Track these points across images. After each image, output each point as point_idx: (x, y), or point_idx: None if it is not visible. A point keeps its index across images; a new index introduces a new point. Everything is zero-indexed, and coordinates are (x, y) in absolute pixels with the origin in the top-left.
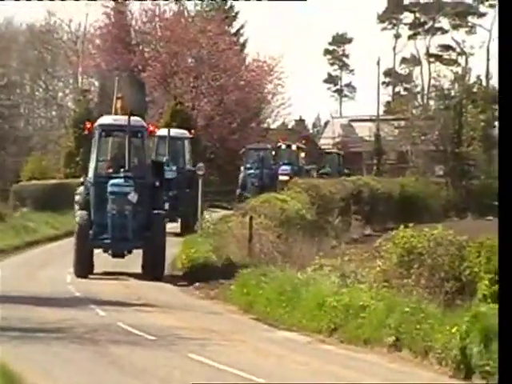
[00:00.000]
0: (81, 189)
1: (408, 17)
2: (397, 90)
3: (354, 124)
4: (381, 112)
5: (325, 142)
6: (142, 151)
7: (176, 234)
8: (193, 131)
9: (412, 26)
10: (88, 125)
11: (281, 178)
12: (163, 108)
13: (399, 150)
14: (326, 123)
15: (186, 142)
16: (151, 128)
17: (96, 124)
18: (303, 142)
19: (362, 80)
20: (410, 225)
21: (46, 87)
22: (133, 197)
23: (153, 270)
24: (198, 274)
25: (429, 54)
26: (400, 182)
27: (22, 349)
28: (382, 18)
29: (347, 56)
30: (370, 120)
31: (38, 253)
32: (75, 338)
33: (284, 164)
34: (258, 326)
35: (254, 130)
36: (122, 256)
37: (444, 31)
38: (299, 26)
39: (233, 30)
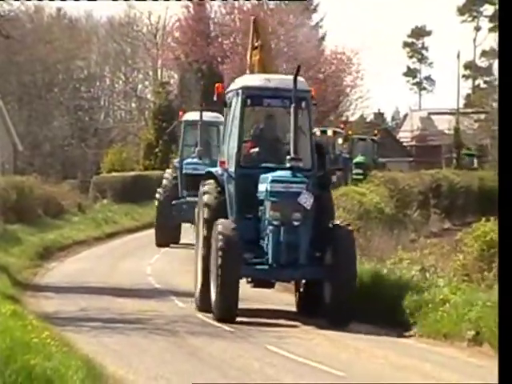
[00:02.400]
0: (210, 183)
1: (488, 9)
2: (477, 82)
3: (433, 117)
4: (460, 105)
5: (404, 135)
6: (307, 129)
7: None
8: None
9: (493, 18)
10: (219, 88)
11: None
12: None
13: (479, 144)
14: (405, 116)
15: (221, 128)
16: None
17: (235, 87)
18: (341, 126)
19: (441, 73)
20: (491, 218)
21: (125, 79)
22: (307, 199)
23: (338, 312)
24: None
25: None
26: (479, 176)
27: (102, 339)
28: (462, 11)
29: (426, 49)
30: (450, 113)
31: (118, 244)
32: (154, 329)
33: None
34: None
35: (332, 123)
36: (272, 286)
37: None
38: (378, 18)
39: (312, 23)
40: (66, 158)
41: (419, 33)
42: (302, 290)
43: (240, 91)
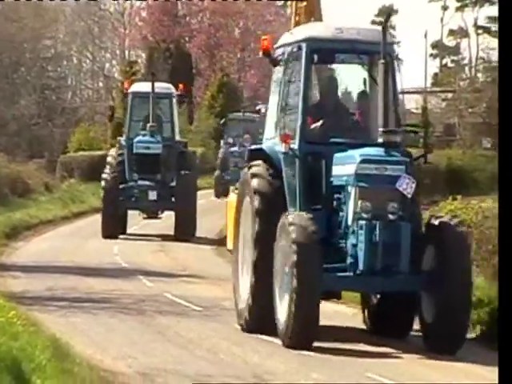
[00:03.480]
0: (259, 165)
1: None
2: (444, 62)
3: (400, 96)
4: (428, 84)
5: None
6: (394, 94)
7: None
8: (181, 85)
9: None
10: (267, 40)
11: None
12: (209, 80)
13: (446, 123)
14: None
15: (174, 102)
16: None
17: (293, 39)
18: None
19: (408, 52)
20: (458, 197)
21: (93, 59)
22: (408, 185)
23: (447, 335)
24: None
25: (477, 26)
26: (447, 155)
27: (69, 318)
28: None
29: (394, 28)
30: (417, 92)
31: (85, 224)
32: (122, 309)
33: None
34: None
35: None
36: (339, 297)
37: (492, 3)
38: None
39: (280, 2)
40: (32, 137)
41: (386, 11)
42: (376, 303)
43: (304, 44)
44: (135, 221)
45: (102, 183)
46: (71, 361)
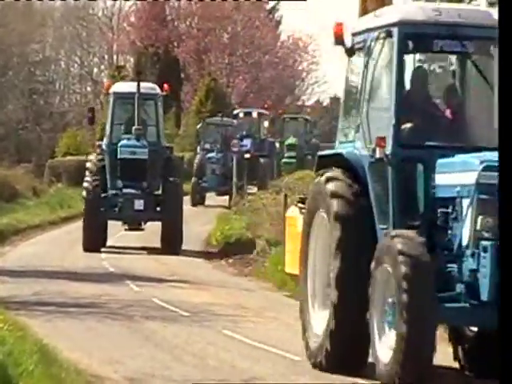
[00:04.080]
0: (337, 175)
1: None
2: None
3: None
4: None
5: None
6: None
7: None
8: (165, 86)
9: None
10: (339, 27)
11: None
12: (197, 84)
13: None
14: None
15: (159, 103)
16: None
17: (380, 23)
18: (266, 107)
19: None
20: None
21: (81, 63)
22: None
23: None
24: (231, 251)
25: None
26: None
27: (57, 323)
28: None
29: None
30: None
31: (73, 228)
32: (110, 313)
33: (243, 137)
34: (291, 303)
35: (288, 108)
36: None
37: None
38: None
39: (268, 7)
40: (20, 142)
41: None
42: (472, 336)
43: (395, 29)
44: (116, 230)
45: (84, 193)
46: (58, 366)
